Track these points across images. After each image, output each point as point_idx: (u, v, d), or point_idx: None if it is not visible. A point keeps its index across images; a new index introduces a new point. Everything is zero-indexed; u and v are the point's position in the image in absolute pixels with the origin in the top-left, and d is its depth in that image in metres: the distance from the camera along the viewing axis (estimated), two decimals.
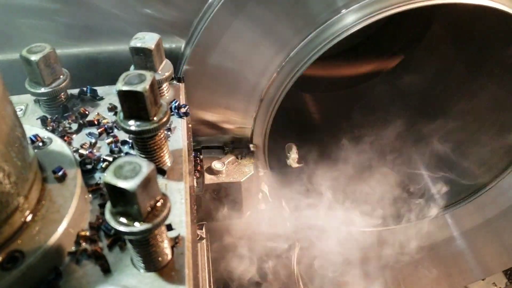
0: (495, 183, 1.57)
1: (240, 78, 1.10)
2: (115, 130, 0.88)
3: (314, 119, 1.88)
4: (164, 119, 0.75)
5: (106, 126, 0.88)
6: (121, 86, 0.71)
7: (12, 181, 0.64)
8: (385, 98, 1.85)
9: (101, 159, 0.82)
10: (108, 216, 0.61)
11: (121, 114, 0.74)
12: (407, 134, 1.74)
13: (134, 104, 0.72)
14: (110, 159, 0.82)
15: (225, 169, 1.10)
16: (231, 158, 1.12)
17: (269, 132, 1.18)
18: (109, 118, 0.91)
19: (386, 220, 1.59)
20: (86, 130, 0.88)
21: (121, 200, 0.59)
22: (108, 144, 0.85)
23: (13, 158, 0.64)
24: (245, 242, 1.34)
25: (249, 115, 1.13)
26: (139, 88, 0.70)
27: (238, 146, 1.15)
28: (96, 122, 0.89)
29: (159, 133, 0.77)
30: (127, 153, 0.84)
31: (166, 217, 0.62)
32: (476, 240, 1.75)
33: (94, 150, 0.84)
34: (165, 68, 0.90)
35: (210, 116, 1.12)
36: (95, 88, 0.95)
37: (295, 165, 1.35)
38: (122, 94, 0.71)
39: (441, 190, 1.61)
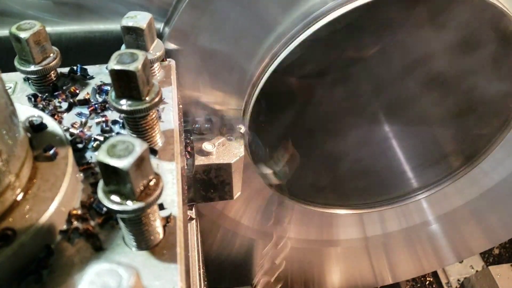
0: (473, 166, 1.59)
1: (224, 59, 1.10)
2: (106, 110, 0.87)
3: (303, 104, 1.90)
4: (156, 99, 0.74)
5: (96, 105, 0.87)
6: (113, 65, 0.70)
7: (4, 159, 0.63)
8: (369, 82, 1.89)
9: (92, 138, 0.82)
10: (100, 195, 0.61)
11: (113, 93, 0.74)
12: (386, 119, 1.79)
13: (126, 84, 0.71)
14: (101, 138, 0.82)
15: (215, 150, 1.11)
16: (221, 139, 1.13)
17: (251, 114, 1.18)
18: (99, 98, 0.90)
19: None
20: (77, 109, 0.88)
21: (114, 179, 0.59)
22: (98, 123, 0.85)
23: (4, 136, 0.64)
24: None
25: (239, 97, 1.13)
26: (131, 67, 0.70)
27: (229, 127, 1.15)
28: (87, 101, 0.88)
29: (151, 113, 0.77)
30: (118, 133, 0.84)
31: (158, 196, 0.62)
32: (453, 223, 1.79)
33: (85, 130, 0.84)
34: (156, 48, 0.90)
35: (199, 96, 1.12)
36: (85, 67, 0.94)
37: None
38: (114, 73, 0.71)
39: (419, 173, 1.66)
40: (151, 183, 0.62)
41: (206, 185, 1.14)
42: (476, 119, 1.61)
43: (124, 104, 0.74)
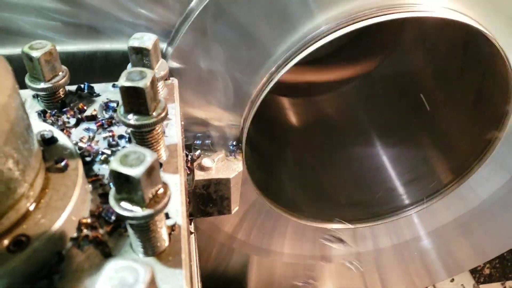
0: (461, 183, 1.65)
1: (224, 79, 1.16)
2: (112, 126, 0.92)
3: (294, 122, 1.97)
4: (163, 114, 0.79)
5: (102, 121, 0.92)
6: (123, 82, 0.75)
7: (20, 169, 0.67)
8: (360, 101, 1.97)
9: (100, 152, 0.86)
10: (112, 202, 0.65)
11: (122, 109, 0.79)
12: (378, 137, 1.86)
13: (135, 99, 0.76)
14: (109, 152, 0.86)
15: (214, 165, 1.15)
16: (220, 155, 1.17)
17: (247, 132, 1.23)
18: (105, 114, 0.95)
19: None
20: (84, 125, 0.92)
21: (126, 187, 0.63)
22: (104, 138, 0.89)
23: (21, 146, 0.68)
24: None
25: (237, 114, 1.18)
26: (140, 84, 0.75)
27: (227, 143, 1.20)
28: (94, 117, 0.93)
29: (157, 128, 0.81)
30: (124, 147, 0.88)
31: (167, 204, 0.66)
32: (443, 240, 1.83)
33: (93, 144, 0.88)
34: (161, 67, 0.95)
35: (199, 113, 1.17)
36: (92, 85, 0.99)
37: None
38: (124, 90, 0.75)
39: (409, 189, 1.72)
40: (160, 191, 0.66)
41: (205, 200, 1.17)
42: (462, 139, 1.68)
43: (132, 118, 0.78)
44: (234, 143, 1.20)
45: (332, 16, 1.11)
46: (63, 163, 0.77)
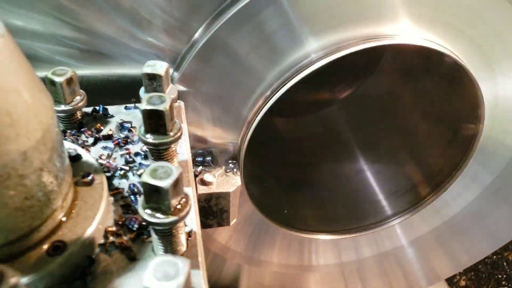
0: (438, 196, 1.79)
1: (224, 101, 1.27)
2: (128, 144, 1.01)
3: (285, 140, 2.10)
4: (178, 134, 0.89)
5: (119, 140, 1.01)
6: (145, 105, 0.85)
7: (58, 182, 0.76)
8: (345, 121, 2.12)
9: (118, 168, 0.95)
10: (141, 211, 0.75)
11: (142, 129, 0.89)
12: (361, 153, 2.01)
13: (156, 121, 0.86)
14: (127, 168, 0.95)
15: (215, 180, 1.25)
16: (220, 171, 1.27)
17: (246, 147, 1.34)
18: (121, 134, 1.04)
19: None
20: (102, 144, 1.01)
21: (155, 197, 0.73)
22: (122, 155, 0.99)
23: (58, 162, 0.77)
24: None
25: (236, 134, 1.29)
26: (161, 107, 0.85)
27: (227, 160, 1.31)
28: (110, 137, 1.02)
29: (172, 146, 0.91)
30: (140, 163, 0.97)
31: (188, 212, 0.76)
32: (420, 250, 1.96)
33: (111, 161, 0.97)
34: (171, 91, 1.05)
35: (200, 132, 1.27)
36: (106, 107, 1.08)
37: None
38: (146, 112, 0.85)
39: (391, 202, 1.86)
40: (182, 201, 0.76)
41: (206, 212, 1.27)
42: (437, 156, 1.82)
43: (151, 138, 0.88)
44: (233, 160, 1.30)
45: (321, 46, 1.23)
46: (89, 178, 0.86)
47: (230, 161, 1.29)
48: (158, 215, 0.74)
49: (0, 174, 0.66)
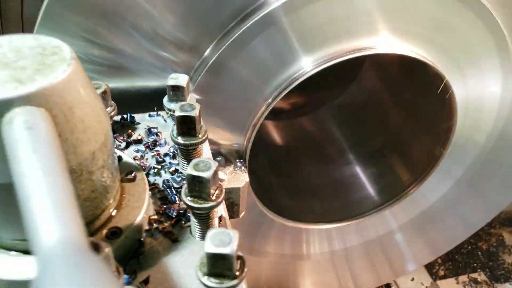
0: (417, 189, 2.00)
1: (232, 108, 1.44)
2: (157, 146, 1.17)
3: (279, 141, 2.30)
4: (206, 136, 1.06)
5: (148, 143, 1.17)
6: (179, 112, 1.02)
7: (113, 177, 0.92)
8: (334, 122, 2.34)
9: (152, 167, 1.11)
10: (184, 198, 0.90)
11: (175, 132, 1.05)
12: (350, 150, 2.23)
13: (187, 125, 1.03)
14: (159, 166, 1.11)
15: (227, 177, 1.41)
16: (230, 169, 1.44)
17: (251, 148, 1.51)
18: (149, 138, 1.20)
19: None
20: (133, 147, 1.17)
21: (198, 186, 0.89)
22: (153, 156, 1.15)
23: (112, 160, 0.92)
24: None
25: (242, 136, 1.47)
26: (192, 113, 1.01)
27: (235, 159, 1.48)
28: (140, 141, 1.18)
29: (200, 146, 1.08)
30: (170, 162, 1.13)
31: (223, 198, 0.93)
32: (401, 238, 2.16)
33: (144, 161, 1.13)
34: (191, 99, 1.22)
35: (211, 135, 1.43)
36: (133, 115, 1.24)
37: None
38: (180, 118, 1.02)
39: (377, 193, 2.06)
40: (218, 190, 0.93)
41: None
42: (418, 152, 2.04)
43: (183, 139, 1.05)
44: (240, 159, 1.47)
45: (311, 60, 1.42)
46: (133, 175, 1.01)
47: (238, 160, 1.46)
48: (199, 201, 0.90)
49: (75, 171, 0.81)
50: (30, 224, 0.53)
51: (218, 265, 0.76)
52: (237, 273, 0.78)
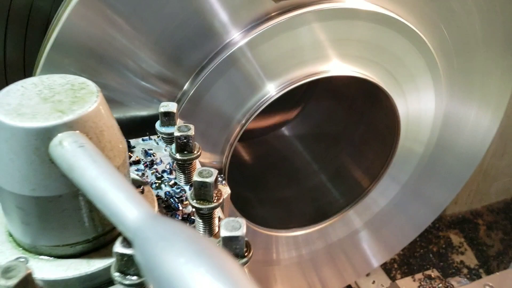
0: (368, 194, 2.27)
1: (211, 131, 1.65)
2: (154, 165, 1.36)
3: (249, 159, 2.54)
4: (200, 152, 1.26)
5: (147, 163, 1.36)
6: (177, 132, 1.22)
7: None
8: (297, 138, 2.62)
9: (152, 182, 1.30)
10: (191, 201, 1.10)
11: (174, 150, 1.24)
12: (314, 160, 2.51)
13: (185, 143, 1.23)
14: (159, 181, 1.30)
15: None
16: None
17: (229, 165, 1.73)
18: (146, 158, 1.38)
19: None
20: (133, 167, 1.35)
21: (203, 190, 1.09)
22: (152, 173, 1.33)
23: (128, 175, 1.11)
24: None
25: (221, 155, 1.68)
26: (189, 133, 1.22)
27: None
28: (139, 161, 1.36)
29: (194, 161, 1.28)
30: (168, 177, 1.32)
31: (223, 200, 1.13)
32: (359, 240, 2.42)
33: (145, 178, 1.31)
34: (179, 123, 1.41)
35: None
36: (129, 140, 1.42)
37: None
38: (178, 137, 1.22)
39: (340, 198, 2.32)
40: (218, 192, 1.13)
41: None
42: (370, 161, 2.32)
43: (180, 155, 1.24)
44: (221, 174, 1.67)
45: (277, 83, 1.66)
46: (141, 188, 1.20)
47: (219, 176, 1.66)
48: (204, 203, 1.10)
49: None
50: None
51: (231, 247, 0.96)
52: (246, 254, 0.98)
